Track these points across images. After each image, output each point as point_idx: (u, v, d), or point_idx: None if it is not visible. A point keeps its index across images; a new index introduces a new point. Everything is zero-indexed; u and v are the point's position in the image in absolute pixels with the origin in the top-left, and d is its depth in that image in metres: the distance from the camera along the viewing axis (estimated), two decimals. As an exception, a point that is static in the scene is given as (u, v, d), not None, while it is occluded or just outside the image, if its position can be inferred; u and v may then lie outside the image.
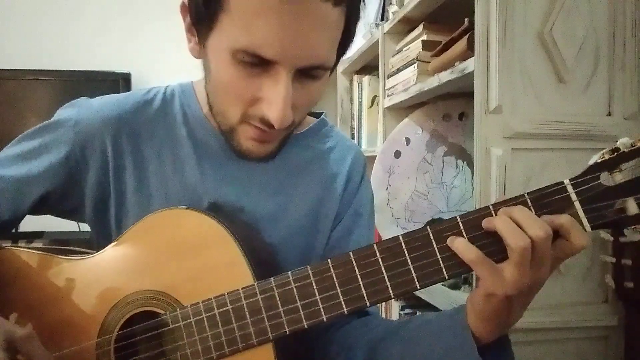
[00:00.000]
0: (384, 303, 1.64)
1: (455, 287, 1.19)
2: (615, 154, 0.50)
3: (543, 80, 0.97)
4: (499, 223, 0.52)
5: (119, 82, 2.54)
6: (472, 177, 1.30)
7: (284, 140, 0.69)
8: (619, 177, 0.50)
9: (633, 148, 0.50)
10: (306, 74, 0.59)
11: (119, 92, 0.76)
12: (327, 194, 0.77)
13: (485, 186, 0.96)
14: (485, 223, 0.54)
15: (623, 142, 0.50)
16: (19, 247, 0.69)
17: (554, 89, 0.98)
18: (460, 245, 0.53)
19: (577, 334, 1.00)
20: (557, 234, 0.52)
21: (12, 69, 2.51)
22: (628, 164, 0.49)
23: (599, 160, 0.51)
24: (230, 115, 0.63)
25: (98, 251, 0.67)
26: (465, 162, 1.37)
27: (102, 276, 0.66)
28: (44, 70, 2.54)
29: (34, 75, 2.53)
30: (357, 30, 0.64)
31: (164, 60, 2.65)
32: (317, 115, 0.82)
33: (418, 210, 1.40)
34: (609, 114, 1.00)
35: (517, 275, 0.51)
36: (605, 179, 0.50)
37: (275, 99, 0.57)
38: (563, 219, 0.51)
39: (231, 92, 0.61)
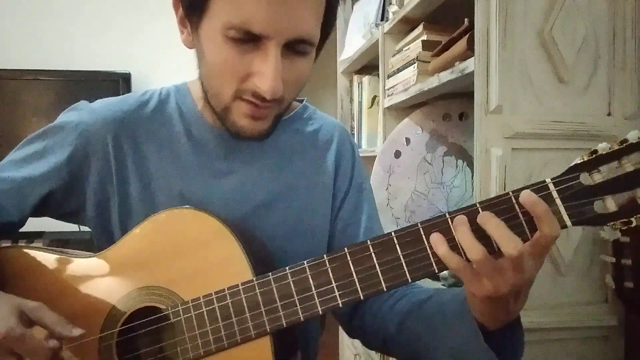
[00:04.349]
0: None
1: (454, 286, 1.19)
2: (594, 155, 0.54)
3: (543, 80, 0.97)
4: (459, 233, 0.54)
5: (119, 82, 2.53)
6: (472, 177, 1.30)
7: (276, 119, 0.70)
8: (597, 177, 0.54)
9: (610, 151, 0.54)
10: (293, 49, 0.62)
11: (119, 92, 0.77)
12: (321, 173, 0.80)
13: (485, 186, 0.96)
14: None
15: (602, 146, 0.54)
16: (21, 246, 0.70)
17: (554, 89, 0.98)
18: (444, 254, 0.55)
19: (577, 334, 1.00)
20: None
21: (12, 69, 2.51)
22: (605, 166, 0.54)
23: (579, 162, 0.55)
24: (224, 93, 0.65)
25: (100, 251, 0.69)
26: (465, 162, 1.37)
27: (106, 273, 0.67)
28: (44, 70, 2.54)
29: (34, 75, 2.53)
30: (337, 11, 0.68)
31: (164, 60, 2.65)
32: (299, 101, 0.84)
33: (418, 210, 1.40)
34: (609, 114, 1.00)
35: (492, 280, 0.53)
36: (585, 178, 0.54)
37: (265, 70, 0.61)
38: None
39: (224, 70, 0.63)
